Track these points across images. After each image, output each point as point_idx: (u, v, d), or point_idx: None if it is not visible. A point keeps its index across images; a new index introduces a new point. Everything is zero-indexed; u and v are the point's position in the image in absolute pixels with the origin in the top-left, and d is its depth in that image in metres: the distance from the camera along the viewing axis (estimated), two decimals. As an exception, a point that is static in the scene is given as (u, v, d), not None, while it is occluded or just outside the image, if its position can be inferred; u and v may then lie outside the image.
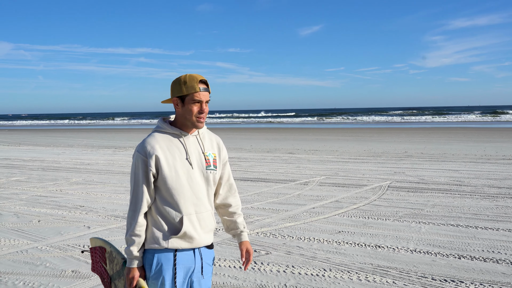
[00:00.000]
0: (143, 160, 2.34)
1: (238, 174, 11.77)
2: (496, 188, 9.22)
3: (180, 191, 2.34)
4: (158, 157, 2.32)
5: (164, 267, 2.33)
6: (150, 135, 2.42)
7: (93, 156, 17.56)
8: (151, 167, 2.32)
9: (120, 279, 2.52)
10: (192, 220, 2.37)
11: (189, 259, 2.38)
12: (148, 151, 2.34)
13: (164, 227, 2.34)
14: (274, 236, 6.04)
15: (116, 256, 2.57)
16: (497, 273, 4.60)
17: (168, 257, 2.34)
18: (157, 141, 2.37)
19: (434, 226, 6.42)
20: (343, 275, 4.59)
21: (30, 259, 5.19)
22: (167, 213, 2.34)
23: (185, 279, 2.37)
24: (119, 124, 66.03)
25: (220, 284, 4.42)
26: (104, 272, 2.66)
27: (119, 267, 2.53)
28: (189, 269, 2.39)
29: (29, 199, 8.80)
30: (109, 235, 6.16)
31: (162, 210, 2.35)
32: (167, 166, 2.32)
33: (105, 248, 2.65)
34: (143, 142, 2.39)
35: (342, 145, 20.96)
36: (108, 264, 2.63)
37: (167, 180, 2.32)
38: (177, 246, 2.34)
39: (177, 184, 2.33)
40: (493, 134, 27.07)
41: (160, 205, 2.35)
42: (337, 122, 57.69)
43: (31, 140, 28.71)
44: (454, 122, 49.34)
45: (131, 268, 2.35)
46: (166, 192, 2.33)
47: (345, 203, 8.07)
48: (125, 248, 2.36)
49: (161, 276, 2.33)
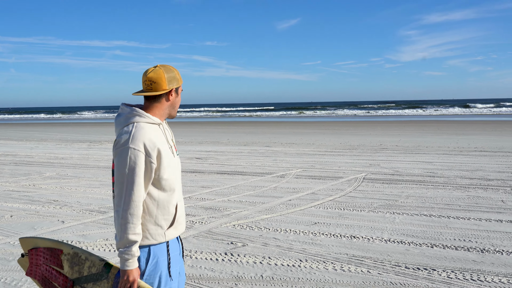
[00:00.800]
0: (142, 155, 2.23)
1: (215, 168, 11.76)
2: (468, 179, 9.43)
3: (174, 180, 2.37)
4: (159, 150, 2.27)
5: (160, 260, 2.34)
6: (138, 127, 2.29)
7: (67, 150, 17.28)
8: (152, 159, 2.25)
9: (100, 282, 2.37)
10: (181, 206, 2.44)
11: (176, 245, 2.44)
12: (147, 145, 2.25)
13: (161, 221, 2.33)
14: (250, 228, 6.06)
15: (89, 257, 2.41)
16: (468, 261, 4.72)
17: (163, 249, 2.36)
18: (149, 132, 2.29)
19: (408, 216, 6.54)
20: (319, 265, 4.64)
21: (2, 254, 5.10)
22: (166, 205, 2.34)
23: (177, 267, 2.41)
24: (94, 118, 65.09)
25: (196, 276, 4.42)
26: (57, 276, 2.46)
27: (97, 269, 2.38)
28: (178, 255, 2.45)
29: (1, 194, 8.61)
30: (84, 229, 6.09)
31: (159, 203, 2.33)
32: (166, 157, 2.31)
33: (61, 250, 2.46)
34: (134, 135, 2.26)
35: (318, 138, 21.12)
36: (67, 267, 2.45)
37: (166, 171, 2.31)
38: (172, 237, 2.37)
39: (172, 174, 2.35)
40: (465, 127, 27.66)
41: (158, 198, 2.32)
42: (314, 115, 58.04)
43: (2, 134, 28.07)
44: (428, 116, 50.18)
45: (130, 270, 2.24)
46: (166, 182, 2.32)
47: (321, 195, 8.14)
48: (124, 249, 2.23)
49: (158, 270, 2.33)
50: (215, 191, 8.60)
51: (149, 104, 2.38)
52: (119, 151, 2.24)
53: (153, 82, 2.33)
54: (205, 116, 62.59)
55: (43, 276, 2.51)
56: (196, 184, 9.43)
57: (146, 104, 2.39)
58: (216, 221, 6.43)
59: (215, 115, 66.30)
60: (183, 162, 12.97)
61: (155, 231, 2.31)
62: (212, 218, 6.61)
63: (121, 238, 2.22)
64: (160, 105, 2.38)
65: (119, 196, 2.24)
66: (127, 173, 2.22)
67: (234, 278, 4.35)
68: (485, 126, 28.25)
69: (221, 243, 5.43)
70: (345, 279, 4.29)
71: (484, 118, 40.84)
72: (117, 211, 2.24)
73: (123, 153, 2.23)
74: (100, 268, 2.37)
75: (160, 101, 2.38)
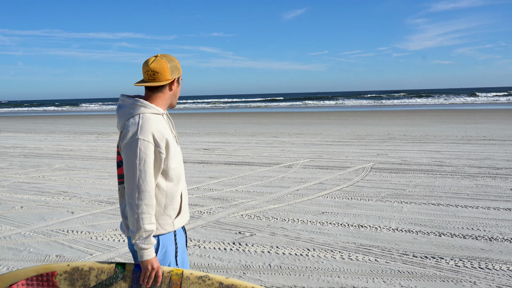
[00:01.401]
0: (152, 146, 2.24)
1: (223, 158, 11.79)
2: (476, 168, 9.39)
3: (181, 170, 2.40)
4: (167, 140, 2.29)
5: (168, 249, 2.37)
6: (144, 118, 2.29)
7: (76, 142, 17.38)
8: (161, 149, 2.26)
9: (115, 285, 2.27)
10: (185, 195, 2.46)
11: (182, 234, 2.47)
12: (156, 136, 2.26)
13: (170, 211, 2.35)
14: (258, 218, 6.09)
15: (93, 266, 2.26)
16: (476, 249, 4.72)
17: (170, 238, 2.38)
18: (157, 122, 2.31)
19: (415, 205, 6.53)
20: (327, 254, 4.66)
21: (14, 245, 5.17)
22: (173, 195, 2.36)
23: (183, 255, 2.44)
24: (102, 110, 65.32)
25: (205, 265, 4.46)
26: None
27: (107, 274, 2.27)
28: (184, 244, 2.47)
29: (11, 186, 8.70)
30: (94, 220, 6.14)
31: (168, 192, 2.34)
32: (172, 147, 2.33)
33: (53, 272, 2.24)
34: (143, 126, 2.26)
35: (326, 128, 21.07)
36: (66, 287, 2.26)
37: (173, 160, 2.33)
38: (179, 226, 2.40)
39: (178, 163, 2.37)
40: (474, 115, 27.46)
41: (166, 188, 2.34)
42: (321, 105, 57.86)
43: (12, 127, 28.27)
44: (436, 104, 49.85)
45: (153, 259, 2.23)
46: (173, 172, 2.34)
47: (329, 184, 8.15)
48: (142, 240, 2.21)
49: (168, 259, 2.36)
50: (223, 182, 8.64)
51: (151, 94, 2.38)
52: (128, 143, 2.23)
53: (156, 72, 2.33)
54: (212, 107, 62.59)
55: None
56: (204, 174, 9.47)
57: (148, 94, 2.38)
58: (224, 211, 6.46)
59: (222, 106, 66.29)
60: (191, 153, 13.01)
61: (164, 221, 2.33)
62: (220, 208, 6.64)
63: (138, 229, 2.20)
64: (163, 95, 2.39)
65: (131, 189, 2.22)
66: (138, 164, 2.21)
67: (242, 267, 4.39)
68: (493, 114, 28.03)
69: (229, 232, 5.46)
70: (352, 268, 4.31)
71: (493, 106, 40.50)
72: (130, 203, 2.22)
73: (133, 144, 2.22)
74: (112, 270, 2.28)
75: (163, 91, 2.38)
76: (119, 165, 2.39)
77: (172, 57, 2.39)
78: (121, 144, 2.29)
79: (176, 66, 2.38)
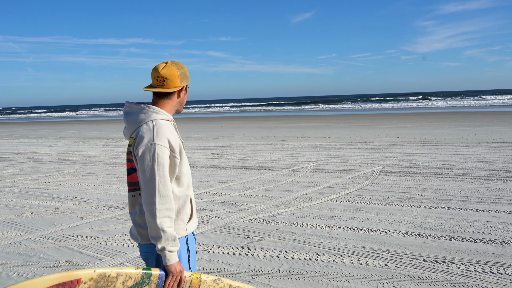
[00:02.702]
0: (168, 151, 2.28)
1: (231, 162, 11.79)
2: (487, 171, 9.30)
3: (190, 175, 2.44)
4: (180, 146, 2.35)
5: (182, 253, 2.39)
6: (158, 124, 2.31)
7: (85, 147, 17.49)
8: (176, 154, 2.30)
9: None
10: (194, 200, 2.50)
11: (193, 239, 2.49)
12: (172, 142, 2.30)
13: (183, 215, 2.39)
14: (267, 222, 6.08)
15: (120, 272, 2.21)
16: (487, 254, 4.67)
17: (183, 242, 2.40)
18: (170, 129, 2.35)
19: (425, 209, 6.48)
20: (336, 259, 4.63)
21: (24, 250, 5.19)
22: (184, 200, 2.40)
23: (194, 259, 2.48)
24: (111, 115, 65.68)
25: (214, 270, 4.45)
26: None
27: (135, 280, 2.22)
28: (195, 248, 2.50)
29: (21, 192, 8.77)
30: (103, 225, 6.17)
31: (180, 197, 2.37)
32: (184, 152, 2.38)
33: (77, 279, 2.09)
34: (158, 132, 2.27)
35: (334, 131, 21.01)
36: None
37: (184, 166, 2.38)
38: (191, 230, 2.43)
39: (188, 169, 2.42)
40: (484, 118, 27.24)
41: (179, 193, 2.37)
42: (329, 109, 57.74)
43: (22, 133, 28.52)
44: (446, 107, 49.54)
45: (177, 263, 2.27)
46: (185, 177, 2.38)
47: (338, 188, 8.11)
48: (169, 242, 2.22)
49: (182, 263, 2.38)
50: (231, 186, 8.64)
51: (159, 100, 2.40)
52: (145, 149, 2.24)
53: (166, 78, 2.35)
54: (220, 112, 62.71)
55: None
56: (213, 179, 9.47)
57: (156, 100, 2.40)
58: (232, 215, 6.46)
59: (230, 110, 66.37)
60: (200, 157, 13.04)
61: (178, 226, 2.37)
62: (229, 212, 6.64)
63: (164, 233, 2.21)
64: (171, 101, 2.42)
65: (151, 194, 2.21)
66: (157, 169, 2.22)
67: (251, 272, 4.37)
68: (504, 116, 27.79)
69: (238, 237, 5.45)
70: (362, 272, 4.28)
71: (503, 108, 40.17)
72: (151, 209, 2.20)
73: (151, 150, 2.23)
74: (139, 276, 2.24)
75: (171, 98, 2.41)
76: (130, 172, 2.40)
77: (182, 65, 2.41)
78: (135, 151, 2.28)
79: (185, 74, 2.41)
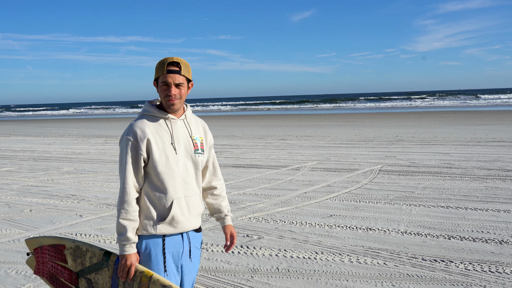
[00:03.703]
0: (134, 144, 2.29)
1: (230, 161, 11.79)
2: (486, 170, 9.31)
3: (170, 175, 2.32)
4: (149, 141, 2.29)
5: (153, 252, 2.33)
6: (138, 119, 2.36)
7: (84, 145, 17.47)
8: (141, 151, 2.29)
9: (101, 271, 2.42)
10: (181, 204, 2.36)
11: (178, 243, 2.38)
12: (138, 135, 2.29)
13: (152, 214, 2.32)
14: (266, 221, 6.08)
15: (89, 249, 2.47)
16: (486, 253, 4.67)
17: (157, 243, 2.34)
18: (147, 124, 2.33)
19: (424, 208, 6.49)
20: (335, 258, 4.63)
21: (23, 248, 5.19)
22: (157, 199, 2.32)
23: (176, 263, 2.38)
24: (110, 113, 65.62)
25: (213, 268, 4.45)
26: (62, 271, 2.52)
27: (97, 259, 2.43)
28: (178, 253, 2.39)
29: (20, 189, 8.76)
30: (102, 223, 6.16)
31: (150, 195, 2.33)
32: (157, 151, 2.30)
33: (63, 245, 2.52)
34: (131, 126, 2.33)
35: (333, 130, 21.01)
36: (71, 261, 2.51)
37: (158, 165, 2.30)
38: (165, 232, 2.33)
39: (167, 168, 2.31)
40: (483, 117, 27.26)
41: (149, 190, 2.33)
42: (328, 108, 57.74)
43: (21, 131, 28.49)
44: (445, 106, 49.56)
45: (127, 255, 2.28)
46: (156, 176, 2.31)
47: (337, 187, 8.11)
48: (120, 235, 2.28)
49: (150, 262, 2.33)
50: (230, 185, 8.63)
51: None
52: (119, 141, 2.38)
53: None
54: (219, 110, 62.68)
55: (50, 273, 2.55)
56: (212, 177, 9.46)
57: None
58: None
59: (229, 108, 66.34)
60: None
61: (145, 222, 2.33)
62: (228, 211, 6.63)
63: (116, 223, 2.30)
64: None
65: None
66: (120, 161, 2.34)
67: (250, 271, 4.37)
68: (503, 116, 27.81)
69: (237, 236, 5.44)
70: (361, 271, 4.28)
71: (502, 108, 40.20)
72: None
73: (120, 142, 2.35)
74: (101, 257, 2.43)
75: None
76: None
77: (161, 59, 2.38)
78: None
79: (155, 69, 2.37)
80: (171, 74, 2.30)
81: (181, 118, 2.42)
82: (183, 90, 2.35)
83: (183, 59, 2.37)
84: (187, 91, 2.40)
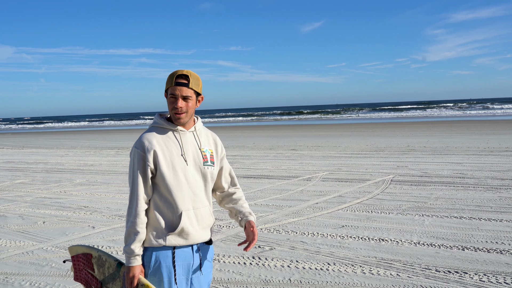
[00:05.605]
0: (141, 155, 2.31)
1: (241, 172, 11.79)
2: (499, 180, 9.21)
3: (178, 187, 2.32)
4: (156, 153, 2.30)
5: (163, 265, 2.32)
6: (148, 131, 2.39)
7: (96, 157, 17.61)
8: (149, 162, 2.30)
9: (115, 281, 2.48)
10: (189, 216, 2.35)
11: (188, 255, 2.38)
12: (146, 147, 2.31)
13: (161, 225, 2.32)
14: (278, 231, 6.06)
15: (107, 259, 2.54)
16: (501, 264, 4.61)
17: (167, 255, 2.33)
18: (155, 136, 2.35)
19: (437, 218, 6.43)
20: (347, 269, 4.60)
21: (36, 260, 5.23)
22: (165, 210, 2.33)
23: (186, 276, 2.37)
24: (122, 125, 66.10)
25: (225, 279, 4.44)
26: (92, 279, 2.61)
27: (112, 269, 2.50)
28: (189, 265, 2.38)
29: (33, 201, 8.84)
30: (114, 235, 6.19)
31: (159, 206, 2.34)
32: (164, 162, 2.31)
33: (91, 254, 2.61)
34: (141, 137, 2.36)
35: (344, 140, 20.95)
36: (96, 270, 2.59)
37: (165, 176, 2.30)
38: (175, 243, 2.33)
39: (175, 180, 2.32)
40: (496, 126, 27.01)
41: (158, 201, 2.34)
42: (339, 118, 57.62)
43: (34, 143, 28.80)
44: (457, 115, 49.20)
45: (131, 267, 2.30)
46: (164, 188, 2.31)
47: (348, 197, 8.08)
48: (125, 246, 2.31)
49: (160, 274, 2.32)
50: (241, 195, 8.62)
51: None
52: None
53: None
54: (230, 121, 62.84)
55: (85, 280, 2.67)
56: (223, 188, 9.47)
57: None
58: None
59: (240, 119, 66.49)
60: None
61: (155, 233, 2.32)
62: (239, 222, 6.63)
63: (124, 234, 2.33)
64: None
65: None
66: (129, 172, 2.36)
67: (262, 282, 4.36)
68: (516, 125, 27.52)
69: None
70: (374, 282, 4.25)
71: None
72: None
73: (130, 154, 2.37)
74: (115, 267, 2.49)
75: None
76: None
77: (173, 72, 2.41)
78: None
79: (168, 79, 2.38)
80: (179, 86, 2.31)
81: (190, 130, 2.43)
82: (190, 103, 2.34)
83: (194, 73, 2.37)
84: (196, 104, 2.40)
